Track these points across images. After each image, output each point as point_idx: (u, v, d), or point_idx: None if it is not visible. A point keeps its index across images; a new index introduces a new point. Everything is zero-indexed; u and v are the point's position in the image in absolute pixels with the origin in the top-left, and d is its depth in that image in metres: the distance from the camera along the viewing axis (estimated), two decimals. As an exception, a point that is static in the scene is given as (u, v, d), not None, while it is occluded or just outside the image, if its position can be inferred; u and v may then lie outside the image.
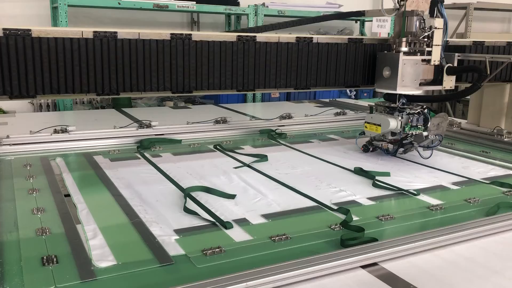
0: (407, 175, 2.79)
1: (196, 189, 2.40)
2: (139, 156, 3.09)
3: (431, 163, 3.02)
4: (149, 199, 2.30)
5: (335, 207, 2.22)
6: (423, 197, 2.42)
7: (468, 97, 3.99)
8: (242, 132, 3.84)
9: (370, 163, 2.99)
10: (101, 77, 2.37)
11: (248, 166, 2.87)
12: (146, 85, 2.47)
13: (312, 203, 2.30)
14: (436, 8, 2.85)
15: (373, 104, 3.19)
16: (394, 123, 2.91)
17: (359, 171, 2.77)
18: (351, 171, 2.83)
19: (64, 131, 3.40)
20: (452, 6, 8.35)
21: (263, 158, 3.01)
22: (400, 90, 2.84)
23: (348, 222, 2.01)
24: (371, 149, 3.18)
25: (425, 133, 2.98)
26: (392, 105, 2.97)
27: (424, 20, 2.83)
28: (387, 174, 2.74)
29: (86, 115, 4.90)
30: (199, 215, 2.08)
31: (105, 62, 2.36)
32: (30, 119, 4.46)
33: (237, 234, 1.93)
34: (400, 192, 2.48)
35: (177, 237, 1.88)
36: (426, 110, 2.98)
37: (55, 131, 3.37)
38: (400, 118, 2.92)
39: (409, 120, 2.92)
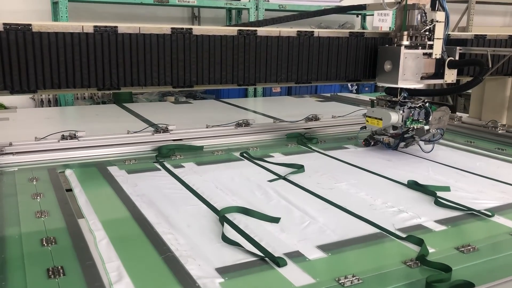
0: (469, 188, 2.45)
1: (232, 210, 2.06)
2: (159, 166, 2.73)
3: (490, 173, 2.68)
4: (178, 223, 1.94)
5: (403, 235, 1.86)
6: (499, 219, 2.06)
7: (470, 90, 3.98)
8: (267, 136, 3.50)
9: (418, 174, 2.65)
10: (101, 72, 2.37)
11: (284, 178, 2.54)
12: (147, 79, 2.47)
13: (373, 229, 1.93)
14: (437, 2, 2.84)
15: (375, 98, 3.18)
16: (395, 117, 2.90)
17: (414, 185, 2.44)
18: (403, 184, 2.48)
19: (73, 137, 3.04)
20: (453, 0, 8.31)
21: (299, 168, 2.67)
22: (401, 84, 2.83)
23: (425, 256, 1.67)
24: (372, 143, 3.17)
25: (426, 127, 2.97)
26: (394, 99, 2.96)
27: (425, 13, 2.82)
28: (447, 189, 2.39)
29: (88, 110, 4.91)
30: (242, 246, 1.73)
31: (106, 56, 2.36)
32: (31, 114, 4.47)
33: (294, 275, 1.57)
34: (469, 213, 2.12)
35: (222, 280, 1.52)
36: (427, 104, 2.97)
37: (63, 137, 3.02)
38: (401, 112, 2.92)
39: (411, 114, 2.92)
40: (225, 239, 1.78)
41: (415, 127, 2.96)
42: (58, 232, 1.83)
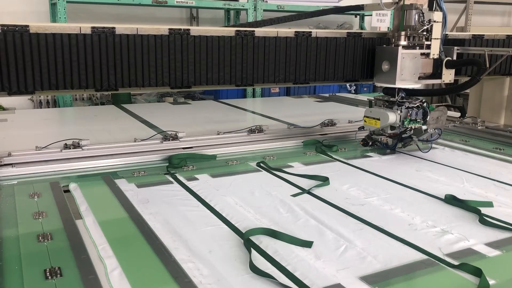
0: (511, 202, 2.26)
1: (258, 232, 1.86)
2: (171, 179, 2.54)
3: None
4: (198, 248, 1.74)
5: (454, 262, 1.66)
6: None
7: (468, 90, 3.99)
8: (283, 143, 3.31)
9: (453, 186, 2.47)
10: (99, 73, 2.37)
11: (309, 192, 2.36)
12: (145, 80, 2.47)
13: (419, 255, 1.72)
14: (435, 2, 2.85)
15: (373, 98, 3.18)
16: (393, 117, 2.90)
17: (453, 200, 2.25)
18: (440, 199, 2.29)
19: (77, 146, 2.86)
20: (452, 0, 8.32)
21: (324, 181, 2.49)
22: (399, 84, 2.84)
23: None
24: (370, 143, 3.17)
25: (424, 127, 2.98)
26: (391, 99, 2.97)
27: (423, 13, 2.83)
28: (489, 204, 2.19)
29: (86, 111, 4.91)
30: (274, 279, 1.52)
31: (104, 57, 2.36)
32: (30, 116, 4.47)
33: None
34: None
35: None
36: (425, 104, 2.97)
37: (66, 147, 2.85)
38: (399, 112, 2.92)
39: (408, 114, 2.92)
40: (254, 268, 1.57)
41: (413, 127, 2.96)
42: (64, 260, 1.61)
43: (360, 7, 3.37)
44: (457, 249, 1.77)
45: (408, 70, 2.83)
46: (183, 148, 3.07)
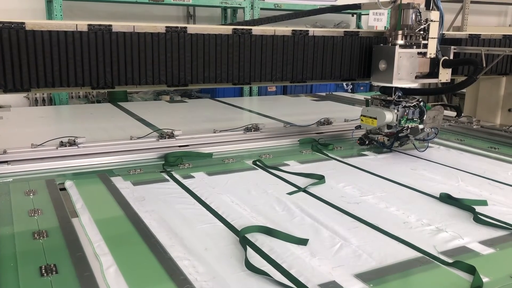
0: (507, 202, 2.26)
1: (253, 229, 1.86)
2: (167, 177, 2.54)
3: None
4: (194, 246, 1.74)
5: (448, 260, 1.67)
6: None
7: (464, 90, 4.00)
8: (279, 142, 3.32)
9: (448, 185, 2.49)
10: (96, 71, 2.36)
11: (305, 191, 2.36)
12: (142, 78, 2.47)
13: (414, 252, 1.73)
14: (432, 1, 2.85)
15: (369, 97, 3.18)
16: (390, 116, 2.90)
17: (448, 199, 2.25)
18: (435, 197, 2.30)
19: (73, 143, 2.84)
20: (448, -1, 8.35)
21: (320, 179, 2.50)
22: (396, 83, 2.84)
23: None
24: (367, 142, 3.17)
25: (421, 126, 2.98)
26: (388, 98, 2.97)
27: (420, 13, 2.83)
28: (484, 203, 2.21)
29: (82, 109, 4.90)
30: (270, 276, 1.52)
31: (100, 55, 2.35)
32: (25, 113, 4.45)
33: None
34: None
35: None
36: (421, 103, 2.98)
37: (62, 144, 2.83)
38: (396, 111, 2.92)
39: (405, 113, 2.92)
40: (250, 266, 1.57)
41: (409, 126, 2.97)
42: (59, 258, 1.61)
43: (357, 6, 3.37)
44: (451, 247, 1.79)
45: (405, 69, 2.83)
46: (179, 146, 3.06)
